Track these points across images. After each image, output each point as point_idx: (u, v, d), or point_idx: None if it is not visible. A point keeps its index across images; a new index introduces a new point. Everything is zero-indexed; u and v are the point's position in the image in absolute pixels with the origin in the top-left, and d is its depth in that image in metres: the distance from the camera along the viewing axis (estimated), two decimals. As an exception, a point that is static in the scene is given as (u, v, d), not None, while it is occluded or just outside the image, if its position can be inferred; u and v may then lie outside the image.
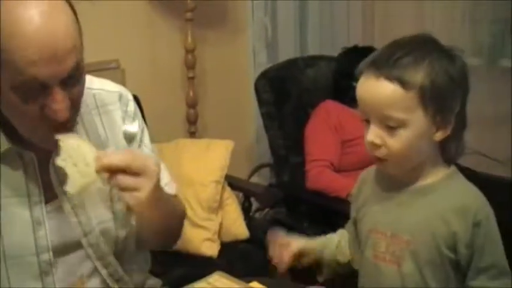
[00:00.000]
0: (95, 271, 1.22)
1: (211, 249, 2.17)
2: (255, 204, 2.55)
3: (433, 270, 1.21)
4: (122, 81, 2.35)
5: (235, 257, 2.17)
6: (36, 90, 0.98)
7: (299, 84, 2.60)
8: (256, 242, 2.23)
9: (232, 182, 2.37)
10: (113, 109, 1.26)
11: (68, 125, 1.07)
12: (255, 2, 2.92)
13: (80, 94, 1.08)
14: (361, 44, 2.66)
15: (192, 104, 2.70)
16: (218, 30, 2.85)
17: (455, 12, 3.02)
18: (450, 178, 1.22)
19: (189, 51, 2.61)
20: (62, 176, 1.14)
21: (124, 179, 1.04)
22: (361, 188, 1.36)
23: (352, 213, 1.38)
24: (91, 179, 1.05)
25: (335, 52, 2.68)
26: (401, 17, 3.18)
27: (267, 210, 2.73)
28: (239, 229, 2.28)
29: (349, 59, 2.51)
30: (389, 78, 1.12)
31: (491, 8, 2.89)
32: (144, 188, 1.04)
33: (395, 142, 1.14)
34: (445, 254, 1.18)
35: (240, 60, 2.99)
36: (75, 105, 1.06)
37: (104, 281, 1.23)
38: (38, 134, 1.06)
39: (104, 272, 1.22)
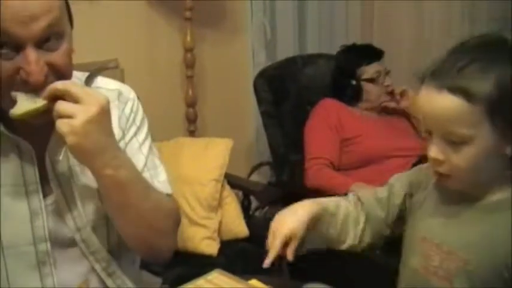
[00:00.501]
0: (92, 268, 1.23)
1: (210, 247, 2.17)
2: (254, 203, 2.55)
3: None
4: (121, 81, 2.32)
5: (235, 255, 2.17)
6: (11, 48, 1.00)
7: (298, 83, 2.60)
8: (256, 241, 2.22)
9: (231, 180, 2.37)
10: (111, 107, 1.22)
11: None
12: (253, 1, 2.91)
13: (63, 63, 1.07)
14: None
15: (191, 103, 2.70)
16: (217, 29, 2.85)
17: (453, 11, 3.04)
18: None
19: (188, 50, 2.61)
20: (57, 170, 1.16)
21: (61, 104, 1.01)
22: (426, 182, 1.22)
23: (398, 197, 1.25)
24: (38, 105, 1.03)
25: (334, 52, 2.68)
26: (400, 17, 3.20)
27: (266, 208, 2.73)
28: (239, 227, 2.28)
29: (348, 57, 2.52)
30: (453, 90, 1.01)
31: (490, 7, 2.90)
32: (79, 115, 1.00)
33: (460, 159, 1.04)
34: (504, 277, 1.07)
35: (239, 60, 2.98)
36: (56, 73, 1.06)
37: (99, 278, 1.23)
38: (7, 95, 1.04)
39: (97, 266, 1.22)
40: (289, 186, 2.43)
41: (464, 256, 1.09)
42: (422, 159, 1.38)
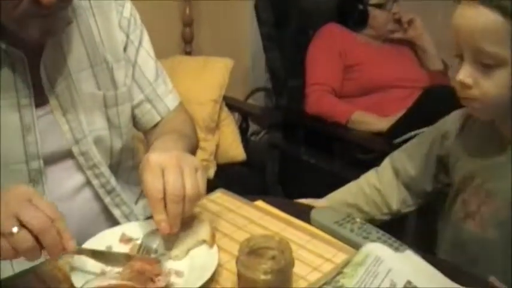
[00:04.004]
0: (86, 183, 1.18)
1: (207, 170, 2.13)
2: (251, 128, 2.51)
3: None
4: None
5: (232, 178, 2.14)
6: None
7: (301, 5, 2.49)
8: (253, 165, 2.20)
9: (230, 102, 2.32)
10: (108, 9, 1.19)
11: (58, 20, 1.00)
12: None
13: None
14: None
15: (188, 23, 2.62)
16: None
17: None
18: None
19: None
20: (53, 79, 1.09)
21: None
22: (464, 126, 1.20)
23: (434, 151, 1.25)
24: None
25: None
26: None
27: (263, 133, 2.70)
28: (236, 151, 2.24)
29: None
30: (490, 5, 0.96)
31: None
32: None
33: (490, 84, 0.99)
34: None
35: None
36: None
37: (95, 194, 1.20)
38: (23, 24, 0.97)
39: (95, 182, 1.18)
40: (287, 112, 2.37)
41: (501, 201, 1.07)
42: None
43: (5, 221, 0.80)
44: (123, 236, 1.00)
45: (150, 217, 1.19)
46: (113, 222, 1.22)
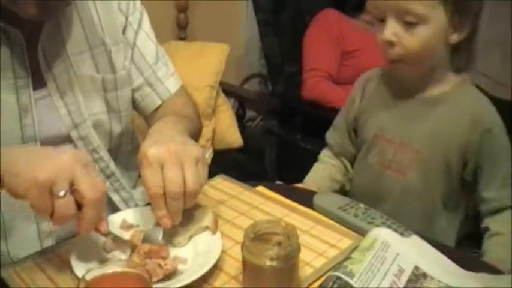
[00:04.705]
0: None
1: (206, 154, 2.11)
2: (247, 114, 2.49)
3: (440, 181, 1.21)
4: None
5: (229, 164, 2.13)
6: None
7: (298, -10, 2.47)
8: (249, 151, 2.19)
9: (226, 88, 2.29)
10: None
11: None
12: None
13: None
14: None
15: (182, 8, 2.59)
16: None
17: None
18: (461, 87, 1.20)
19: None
20: (51, 61, 1.07)
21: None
22: (364, 89, 1.32)
23: (348, 113, 1.35)
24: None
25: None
26: None
27: (259, 119, 2.68)
28: (233, 137, 2.23)
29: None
30: None
31: None
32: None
33: (413, 40, 1.11)
34: (454, 164, 1.19)
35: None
36: None
37: None
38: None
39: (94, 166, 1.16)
40: (284, 97, 2.35)
41: (416, 146, 1.20)
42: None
43: (59, 176, 0.78)
44: (123, 222, 0.98)
45: (149, 203, 1.19)
46: (112, 207, 1.20)
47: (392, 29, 1.12)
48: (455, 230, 1.27)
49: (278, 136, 2.36)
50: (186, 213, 0.95)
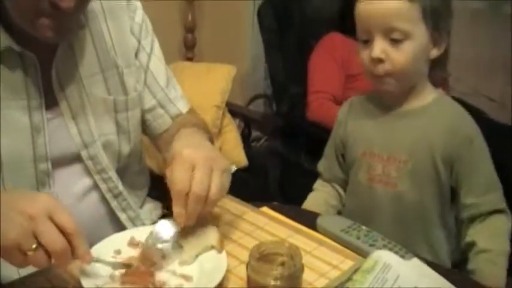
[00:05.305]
0: (93, 187, 1.18)
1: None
2: (252, 134, 2.52)
3: (431, 190, 1.25)
4: None
5: (234, 184, 2.13)
6: None
7: (304, 13, 2.50)
8: (254, 171, 2.21)
9: (232, 108, 2.33)
10: (120, 15, 1.20)
11: (72, 21, 1.01)
12: None
13: None
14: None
15: (190, 29, 2.63)
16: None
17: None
18: (440, 100, 1.27)
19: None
20: (64, 82, 1.10)
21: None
22: (350, 111, 1.38)
23: (336, 138, 1.41)
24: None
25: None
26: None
27: (263, 139, 2.71)
28: (238, 157, 2.25)
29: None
30: None
31: None
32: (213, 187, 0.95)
33: (400, 55, 1.18)
34: (442, 173, 1.24)
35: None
36: (81, 3, 1.00)
37: (102, 198, 1.20)
38: (33, 21, 0.97)
39: (103, 186, 1.18)
40: (288, 118, 2.38)
41: (403, 157, 1.25)
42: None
43: (23, 237, 0.80)
44: (132, 239, 1.01)
45: (156, 222, 1.21)
46: (119, 225, 1.22)
47: (380, 47, 1.18)
48: (452, 241, 1.30)
49: (282, 156, 2.38)
50: (193, 232, 0.98)
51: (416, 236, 1.27)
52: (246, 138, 2.41)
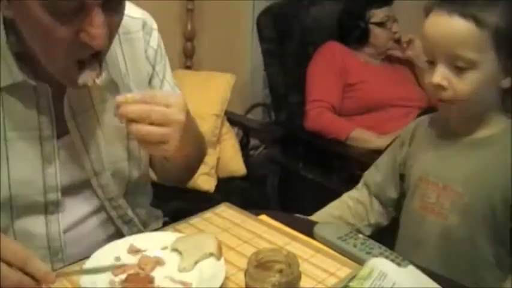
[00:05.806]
0: (101, 207, 1.16)
1: (208, 183, 2.15)
2: (251, 143, 2.53)
3: (485, 230, 1.16)
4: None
5: (232, 192, 2.16)
6: (74, 10, 0.88)
7: (303, 23, 2.52)
8: (253, 179, 2.22)
9: (231, 117, 2.34)
10: (135, 38, 1.16)
11: (100, 57, 0.97)
12: None
13: (118, 25, 0.98)
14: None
15: (189, 37, 2.64)
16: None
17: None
18: (509, 130, 1.16)
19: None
20: (76, 110, 1.08)
21: (148, 133, 0.96)
22: (414, 133, 1.31)
23: (396, 157, 1.34)
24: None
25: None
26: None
27: (261, 148, 2.72)
28: (237, 165, 2.27)
29: (358, -1, 2.45)
30: (464, 15, 1.07)
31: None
32: (170, 139, 0.97)
33: (463, 84, 1.10)
34: (500, 212, 1.14)
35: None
36: (110, 37, 0.96)
37: (109, 218, 1.18)
38: (64, 64, 0.94)
39: (113, 213, 1.17)
40: (287, 127, 2.39)
41: (459, 189, 1.17)
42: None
43: None
44: (131, 247, 1.02)
45: (157, 229, 1.21)
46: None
47: (442, 74, 1.11)
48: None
49: (280, 165, 2.40)
50: (192, 240, 0.99)
51: (464, 276, 1.13)
52: (244, 146, 2.42)
